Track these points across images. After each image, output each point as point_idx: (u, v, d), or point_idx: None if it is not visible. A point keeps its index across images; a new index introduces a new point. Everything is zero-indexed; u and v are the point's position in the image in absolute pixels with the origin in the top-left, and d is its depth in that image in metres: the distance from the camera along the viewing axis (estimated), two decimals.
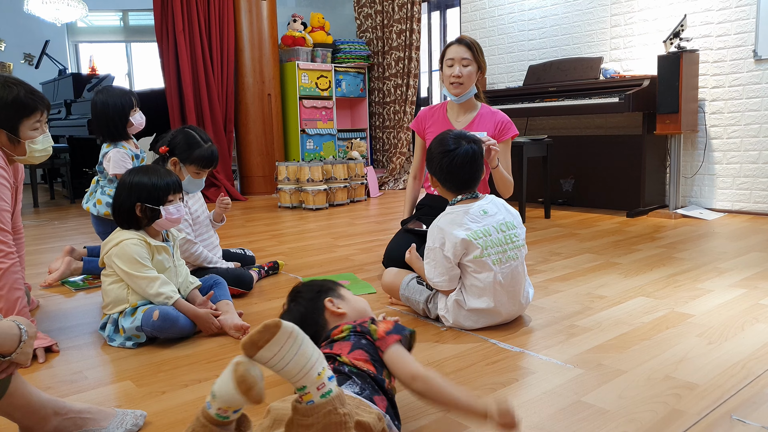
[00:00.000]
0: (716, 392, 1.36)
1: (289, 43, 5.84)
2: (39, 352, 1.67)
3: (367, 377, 1.14)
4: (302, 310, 1.38)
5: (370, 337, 1.22)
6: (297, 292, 1.45)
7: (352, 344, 1.21)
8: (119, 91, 2.61)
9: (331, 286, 1.45)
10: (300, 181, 4.67)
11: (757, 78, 3.72)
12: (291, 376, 0.95)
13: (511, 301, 1.82)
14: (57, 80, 6.10)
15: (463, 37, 2.48)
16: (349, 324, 1.27)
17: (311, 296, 1.41)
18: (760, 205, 3.79)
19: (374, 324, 1.25)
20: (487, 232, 1.77)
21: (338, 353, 1.19)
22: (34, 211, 4.91)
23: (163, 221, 1.80)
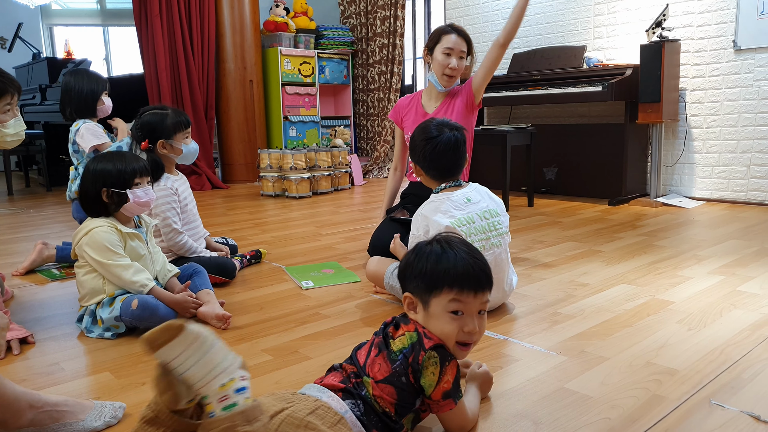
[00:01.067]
0: (696, 378, 1.37)
1: (271, 29, 5.76)
2: (14, 344, 1.63)
3: (381, 415, 1.06)
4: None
5: (421, 385, 1.06)
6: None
7: (390, 374, 1.06)
8: (93, 74, 2.69)
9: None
10: (283, 168, 4.63)
11: (737, 68, 3.76)
12: (193, 383, 0.91)
13: (495, 288, 1.82)
14: (31, 64, 5.94)
15: (459, 27, 2.45)
16: (414, 332, 1.09)
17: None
18: (737, 194, 3.85)
19: (435, 366, 1.05)
20: (470, 219, 1.77)
21: (369, 373, 1.08)
22: (9, 199, 4.81)
23: (131, 205, 1.76)
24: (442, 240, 1.15)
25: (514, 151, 3.88)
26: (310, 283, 2.24)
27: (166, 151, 2.21)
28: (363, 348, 1.15)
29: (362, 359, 1.11)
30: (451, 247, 1.12)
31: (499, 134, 3.80)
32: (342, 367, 1.13)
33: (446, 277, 1.09)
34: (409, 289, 1.13)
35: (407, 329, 1.11)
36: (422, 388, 1.06)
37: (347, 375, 1.10)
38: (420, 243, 1.17)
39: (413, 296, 1.13)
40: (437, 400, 1.07)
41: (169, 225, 2.19)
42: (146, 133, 2.18)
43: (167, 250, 2.22)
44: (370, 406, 1.05)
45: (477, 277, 1.10)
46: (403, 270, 1.16)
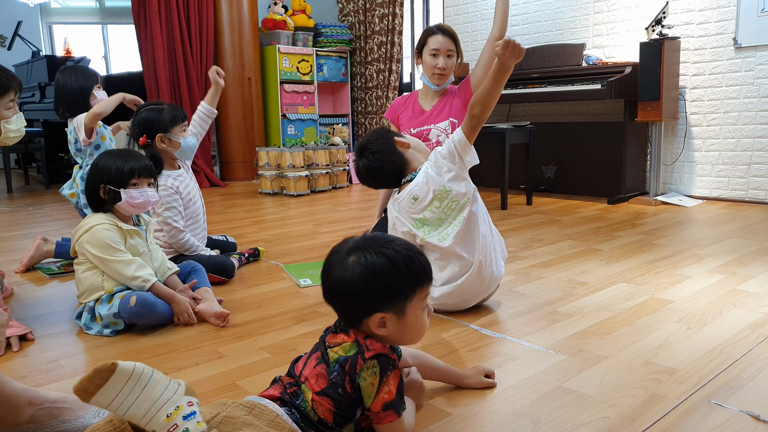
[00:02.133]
0: (695, 377, 1.37)
1: (269, 27, 5.74)
2: (13, 341, 1.63)
3: (317, 424, 1.02)
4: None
5: (359, 395, 1.02)
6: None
7: (327, 385, 1.03)
8: (84, 69, 2.63)
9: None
10: (281, 167, 4.62)
11: (737, 66, 3.75)
12: (137, 421, 0.89)
13: (477, 268, 1.79)
14: (31, 62, 5.93)
15: (444, 27, 2.49)
16: (353, 343, 1.05)
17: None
18: (737, 192, 3.85)
19: (374, 377, 1.02)
20: (423, 220, 1.80)
21: (305, 380, 1.05)
22: (8, 196, 4.80)
23: (124, 205, 1.75)
24: (376, 250, 1.06)
25: (512, 149, 3.87)
26: (308, 281, 2.24)
27: (164, 145, 2.21)
28: (300, 360, 1.11)
29: (299, 370, 1.09)
30: (392, 252, 1.06)
31: (497, 132, 3.79)
32: (280, 380, 1.09)
33: (415, 278, 1.06)
34: (384, 309, 1.05)
35: (346, 339, 1.06)
36: (362, 398, 1.03)
37: (284, 386, 1.07)
38: (359, 263, 1.05)
39: (386, 313, 1.05)
40: (377, 411, 1.02)
41: (169, 224, 2.19)
42: (144, 129, 2.19)
43: (168, 247, 2.22)
44: (304, 414, 1.02)
45: (424, 264, 1.09)
46: (373, 298, 1.05)
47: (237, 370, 1.46)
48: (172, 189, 2.21)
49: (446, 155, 1.77)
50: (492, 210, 3.76)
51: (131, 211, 1.79)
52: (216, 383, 1.40)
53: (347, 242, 1.11)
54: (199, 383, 1.39)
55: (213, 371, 1.46)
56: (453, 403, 1.27)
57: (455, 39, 2.47)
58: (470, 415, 1.22)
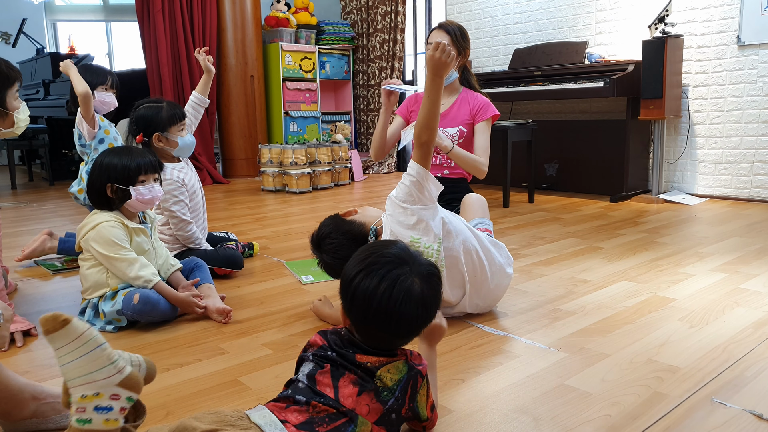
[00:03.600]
0: (698, 375, 1.37)
1: (272, 24, 5.74)
2: (17, 336, 1.64)
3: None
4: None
5: (415, 412, 1.01)
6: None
7: (383, 413, 0.97)
8: (94, 68, 2.62)
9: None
10: (283, 164, 4.63)
11: (740, 64, 3.74)
12: (66, 381, 0.91)
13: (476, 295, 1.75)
14: (35, 59, 5.94)
15: (446, 23, 2.45)
16: (403, 362, 1.01)
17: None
18: (740, 191, 3.84)
19: (425, 390, 1.03)
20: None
21: (356, 410, 0.95)
22: (12, 192, 4.81)
23: (134, 202, 1.76)
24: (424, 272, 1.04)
25: (514, 146, 3.87)
26: (310, 277, 2.24)
27: (162, 144, 2.21)
28: (321, 377, 0.99)
29: (332, 392, 0.97)
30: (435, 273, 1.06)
31: (499, 130, 3.79)
32: (310, 404, 0.95)
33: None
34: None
35: (392, 358, 1.01)
36: (416, 415, 1.02)
37: (316, 416, 0.94)
38: (418, 289, 1.02)
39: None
40: (429, 416, 1.06)
41: (177, 217, 2.20)
42: (141, 127, 2.19)
43: (173, 241, 2.23)
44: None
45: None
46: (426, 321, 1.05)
47: (239, 367, 1.47)
48: (178, 182, 2.22)
49: (404, 198, 1.59)
50: (494, 207, 3.76)
51: (140, 207, 1.80)
52: (218, 379, 1.40)
53: (389, 261, 1.01)
54: (201, 379, 1.40)
55: (215, 367, 1.47)
56: (454, 400, 1.28)
57: (452, 33, 2.41)
58: (471, 413, 1.22)
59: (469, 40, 2.51)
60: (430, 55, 1.55)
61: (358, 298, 1.00)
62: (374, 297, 0.98)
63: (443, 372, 1.41)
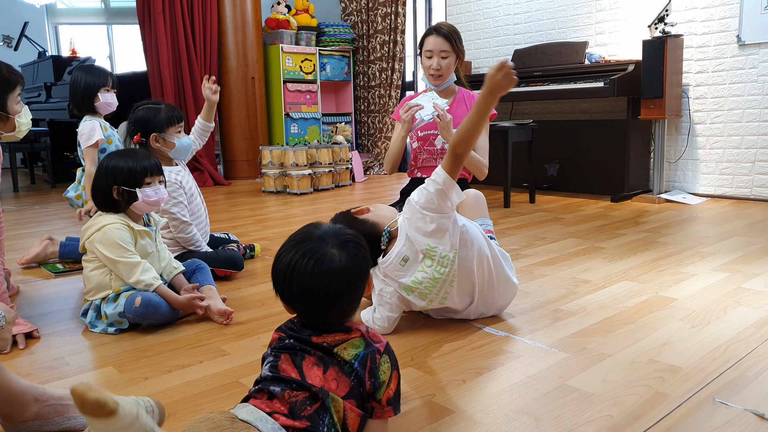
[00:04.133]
0: (699, 375, 1.37)
1: (273, 26, 5.75)
2: (19, 338, 1.64)
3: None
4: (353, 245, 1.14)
5: (376, 389, 1.00)
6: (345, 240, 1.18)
7: (350, 387, 0.98)
8: (96, 69, 2.60)
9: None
10: (284, 165, 4.63)
11: (741, 63, 3.74)
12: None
13: (482, 302, 1.75)
14: (37, 63, 5.96)
15: (440, 27, 2.44)
16: (359, 338, 1.02)
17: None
18: (742, 190, 3.84)
19: (388, 370, 1.02)
20: (417, 281, 1.61)
21: (324, 386, 0.96)
22: (14, 195, 4.82)
23: (141, 204, 1.77)
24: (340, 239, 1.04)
25: (515, 147, 3.87)
26: None
27: (159, 144, 2.21)
28: (283, 365, 1.00)
29: (297, 376, 0.98)
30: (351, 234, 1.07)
31: (500, 130, 3.79)
32: (285, 393, 0.96)
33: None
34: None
35: (348, 336, 1.02)
36: (376, 389, 1.00)
37: (292, 403, 0.95)
38: (345, 254, 1.02)
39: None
40: (383, 405, 1.01)
41: (177, 218, 2.21)
42: (139, 128, 2.19)
43: (174, 243, 2.23)
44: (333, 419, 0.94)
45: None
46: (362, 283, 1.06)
47: (240, 368, 1.47)
48: (176, 184, 2.23)
49: (425, 204, 1.55)
50: (495, 208, 3.76)
51: (146, 209, 1.81)
52: (219, 381, 1.40)
53: (311, 238, 1.02)
54: (202, 381, 1.40)
55: (216, 369, 1.47)
56: (455, 400, 1.28)
57: (450, 39, 2.40)
58: (473, 413, 1.22)
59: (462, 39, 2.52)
60: (494, 77, 1.43)
61: (279, 276, 1.01)
62: (288, 271, 0.99)
63: (444, 372, 1.41)
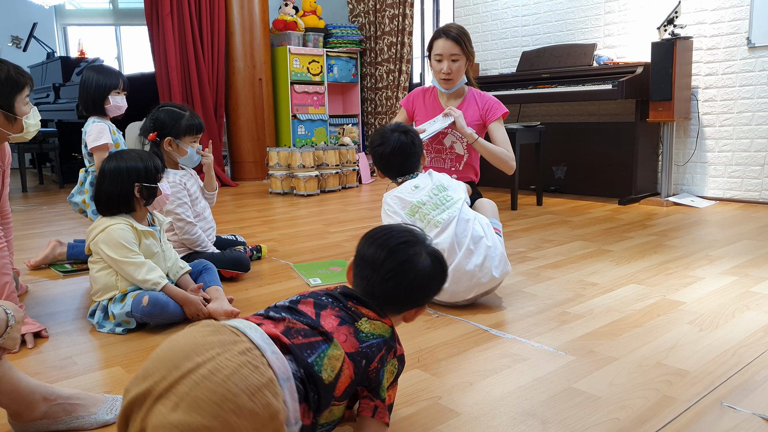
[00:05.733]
0: (707, 379, 1.36)
1: (280, 27, 5.77)
2: (28, 338, 1.65)
3: (328, 391, 0.94)
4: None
5: (378, 381, 1.00)
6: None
7: (357, 351, 0.97)
8: (108, 70, 2.58)
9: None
10: (291, 167, 4.64)
11: (751, 66, 3.72)
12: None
13: (466, 254, 1.85)
14: (45, 63, 6.00)
15: (449, 29, 2.42)
16: (390, 328, 1.04)
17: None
18: (751, 193, 3.81)
19: (393, 373, 1.03)
20: (420, 202, 1.93)
21: (333, 333, 0.94)
22: (23, 195, 4.85)
23: (161, 198, 1.83)
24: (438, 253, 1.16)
25: (523, 149, 3.86)
26: (317, 280, 2.25)
27: (171, 148, 2.22)
28: (303, 306, 1.00)
29: (313, 315, 0.98)
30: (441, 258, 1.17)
31: (508, 132, 3.76)
32: (285, 319, 0.95)
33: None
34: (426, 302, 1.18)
35: (381, 320, 1.04)
36: (378, 383, 0.99)
37: (291, 329, 0.93)
38: (432, 259, 1.13)
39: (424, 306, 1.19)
40: (386, 406, 1.01)
41: (182, 219, 2.21)
42: (158, 127, 2.21)
43: (179, 245, 2.24)
44: (314, 375, 0.90)
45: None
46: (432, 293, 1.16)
47: None
48: (180, 185, 2.23)
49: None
50: (502, 210, 3.75)
51: (163, 203, 1.86)
52: None
53: (415, 236, 1.13)
54: None
55: None
56: (462, 403, 1.28)
57: (460, 41, 2.39)
58: (479, 415, 1.22)
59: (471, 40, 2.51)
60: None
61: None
62: (395, 250, 1.08)
63: (451, 375, 1.41)
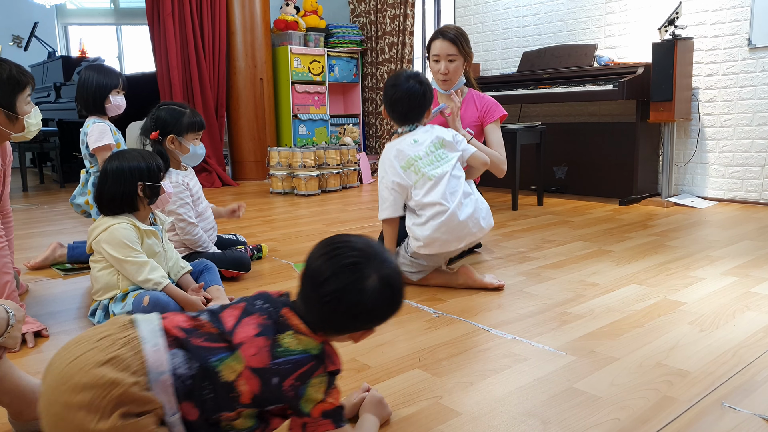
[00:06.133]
0: (707, 379, 1.36)
1: (281, 27, 5.77)
2: (28, 337, 1.65)
3: (223, 395, 0.90)
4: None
5: (298, 397, 0.93)
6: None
7: (267, 367, 0.91)
8: (108, 69, 2.59)
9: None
10: (292, 166, 4.64)
11: (751, 66, 3.72)
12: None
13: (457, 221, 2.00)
14: (46, 63, 6.00)
15: (446, 30, 2.43)
16: (319, 345, 0.96)
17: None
18: (751, 194, 3.81)
19: (321, 387, 0.95)
20: (417, 156, 2.04)
21: (241, 351, 0.91)
22: (23, 195, 4.86)
23: (164, 197, 1.84)
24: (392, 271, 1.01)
25: (523, 149, 3.86)
26: None
27: (173, 146, 2.23)
28: (230, 310, 0.97)
29: (227, 322, 0.94)
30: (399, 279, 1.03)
31: (508, 133, 3.78)
32: (197, 319, 0.95)
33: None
34: (372, 326, 1.04)
35: (311, 336, 0.96)
36: (297, 402, 0.93)
37: (197, 330, 0.92)
38: (381, 282, 0.98)
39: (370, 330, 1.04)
40: (316, 417, 0.95)
41: (184, 219, 2.21)
42: (160, 125, 2.21)
43: (180, 245, 2.24)
44: (211, 373, 0.87)
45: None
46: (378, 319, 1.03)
47: None
48: (183, 185, 2.23)
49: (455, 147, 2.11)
50: (503, 210, 3.76)
51: (166, 202, 1.87)
52: None
53: (368, 256, 0.99)
54: None
55: None
56: (462, 402, 1.28)
57: (457, 42, 2.40)
58: (480, 415, 1.22)
59: (469, 41, 2.51)
60: None
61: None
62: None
63: (451, 374, 1.41)
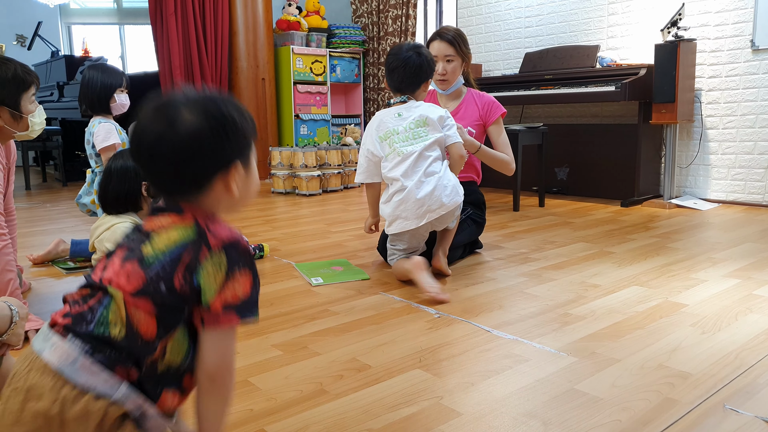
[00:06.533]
0: (709, 382, 1.36)
1: (283, 27, 5.78)
2: (31, 334, 1.65)
3: (132, 342, 0.79)
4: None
5: (196, 289, 0.81)
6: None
7: (145, 283, 0.80)
8: (111, 69, 2.60)
9: None
10: (294, 166, 4.65)
11: (754, 68, 3.71)
12: None
13: (419, 184, 2.06)
14: (50, 62, 6.02)
15: (444, 32, 2.45)
16: (192, 226, 0.83)
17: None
18: (754, 196, 3.80)
19: (218, 271, 0.81)
20: (395, 131, 2.12)
21: (109, 283, 0.81)
22: (26, 193, 4.87)
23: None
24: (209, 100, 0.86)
25: (525, 150, 3.86)
26: (319, 279, 2.25)
27: None
28: (98, 266, 0.86)
29: (97, 276, 0.83)
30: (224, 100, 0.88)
31: (510, 133, 3.77)
32: (66, 300, 0.85)
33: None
34: (238, 157, 0.88)
35: (177, 221, 0.83)
36: (197, 292, 0.81)
37: (73, 302, 0.83)
38: (200, 112, 0.83)
39: (238, 164, 0.88)
40: (216, 311, 0.81)
41: None
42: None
43: None
44: (102, 338, 0.78)
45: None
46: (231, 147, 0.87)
47: (249, 367, 1.47)
48: None
49: (438, 128, 2.14)
50: (504, 211, 3.75)
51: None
52: None
53: (171, 95, 0.85)
54: None
55: None
56: (463, 403, 1.28)
57: (454, 43, 2.42)
58: (481, 416, 1.22)
59: (467, 42, 2.51)
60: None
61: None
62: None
63: (452, 375, 1.41)
